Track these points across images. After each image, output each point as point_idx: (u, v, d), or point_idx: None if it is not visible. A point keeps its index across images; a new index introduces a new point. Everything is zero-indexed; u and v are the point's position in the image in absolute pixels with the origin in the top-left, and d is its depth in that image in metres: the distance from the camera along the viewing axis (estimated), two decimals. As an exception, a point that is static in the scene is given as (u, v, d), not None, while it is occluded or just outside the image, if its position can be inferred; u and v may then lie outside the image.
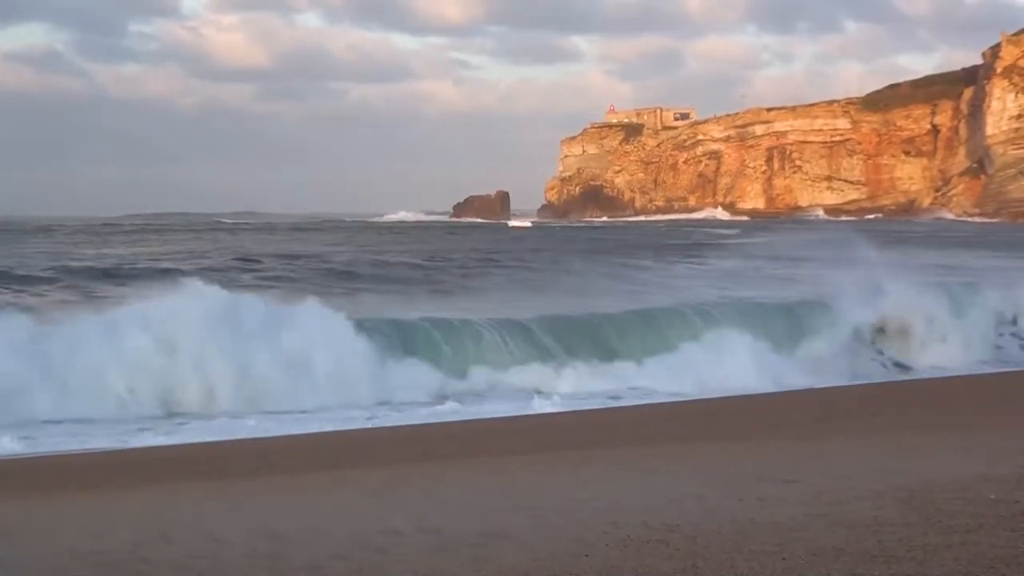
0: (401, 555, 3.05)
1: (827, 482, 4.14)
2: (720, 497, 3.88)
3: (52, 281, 17.95)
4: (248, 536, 3.45)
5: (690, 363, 11.21)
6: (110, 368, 9.18)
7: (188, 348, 9.55)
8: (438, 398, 10.00)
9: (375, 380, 10.14)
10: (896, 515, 3.39)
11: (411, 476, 5.19)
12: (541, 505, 3.90)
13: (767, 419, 8.11)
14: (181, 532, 3.56)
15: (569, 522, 3.47)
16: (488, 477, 5.17)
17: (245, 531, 3.55)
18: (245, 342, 9.98)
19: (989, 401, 9.05)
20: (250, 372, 9.62)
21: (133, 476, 5.80)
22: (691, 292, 17.12)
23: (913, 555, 2.78)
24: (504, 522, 3.55)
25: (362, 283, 19.29)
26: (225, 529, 3.61)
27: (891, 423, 7.36)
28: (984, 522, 3.19)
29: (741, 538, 3.08)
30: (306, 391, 9.66)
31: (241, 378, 9.52)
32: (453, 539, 3.28)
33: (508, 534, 3.31)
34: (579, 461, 5.49)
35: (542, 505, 3.89)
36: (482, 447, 6.78)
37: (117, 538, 3.47)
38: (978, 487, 3.85)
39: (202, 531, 3.59)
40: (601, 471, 4.96)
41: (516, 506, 3.95)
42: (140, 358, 9.35)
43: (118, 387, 9.08)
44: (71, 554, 3.22)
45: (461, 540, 3.25)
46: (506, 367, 11.01)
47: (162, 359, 9.44)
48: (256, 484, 5.34)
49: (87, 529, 3.77)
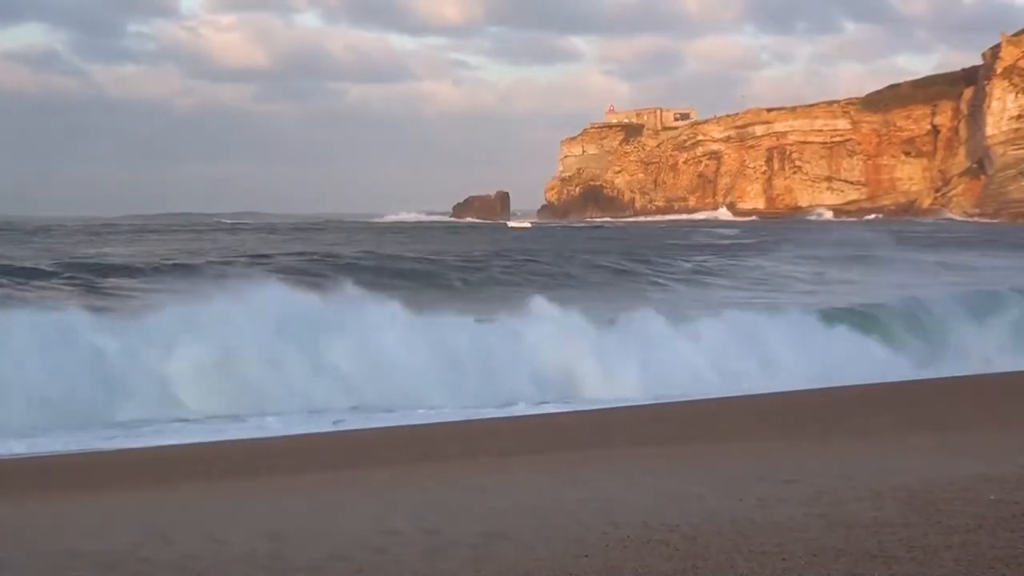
0: (400, 555, 3.05)
1: (827, 482, 4.14)
2: (720, 497, 3.88)
3: (83, 279, 18.10)
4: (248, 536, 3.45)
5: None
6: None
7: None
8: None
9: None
10: (896, 515, 3.39)
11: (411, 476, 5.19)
12: (541, 505, 3.90)
13: (768, 419, 8.11)
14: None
15: (569, 522, 3.47)
16: (488, 478, 5.17)
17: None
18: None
19: (990, 401, 9.05)
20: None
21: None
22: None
23: (913, 555, 2.78)
24: (504, 522, 3.55)
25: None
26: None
27: (891, 423, 7.36)
28: (984, 522, 3.18)
29: (741, 538, 3.08)
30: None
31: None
32: (453, 539, 3.28)
33: (508, 534, 3.31)
34: (579, 461, 5.49)
35: (542, 505, 3.90)
36: (482, 447, 6.78)
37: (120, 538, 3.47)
38: (978, 487, 3.85)
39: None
40: (601, 471, 4.97)
41: (516, 506, 3.95)
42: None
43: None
44: (71, 554, 3.22)
45: (461, 540, 3.25)
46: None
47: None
48: (257, 484, 5.35)
49: (88, 529, 3.77)
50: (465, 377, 10.31)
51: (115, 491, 5.16)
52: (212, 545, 3.29)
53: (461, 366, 10.50)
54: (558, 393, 10.22)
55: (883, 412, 8.29)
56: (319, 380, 9.77)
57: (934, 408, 8.66)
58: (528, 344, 11.18)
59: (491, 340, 11.23)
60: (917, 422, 7.46)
